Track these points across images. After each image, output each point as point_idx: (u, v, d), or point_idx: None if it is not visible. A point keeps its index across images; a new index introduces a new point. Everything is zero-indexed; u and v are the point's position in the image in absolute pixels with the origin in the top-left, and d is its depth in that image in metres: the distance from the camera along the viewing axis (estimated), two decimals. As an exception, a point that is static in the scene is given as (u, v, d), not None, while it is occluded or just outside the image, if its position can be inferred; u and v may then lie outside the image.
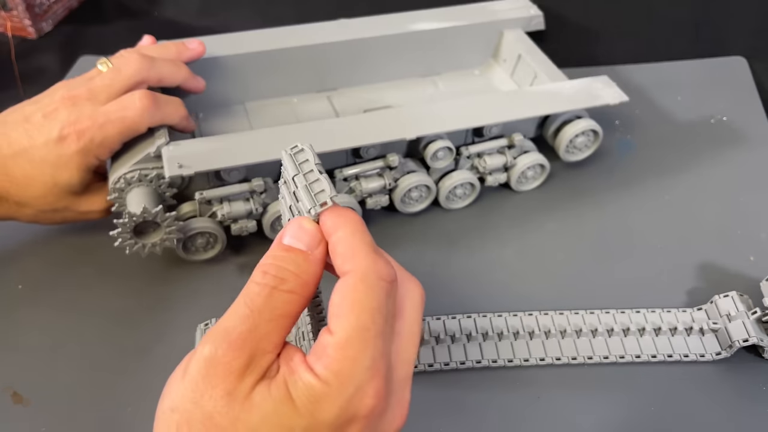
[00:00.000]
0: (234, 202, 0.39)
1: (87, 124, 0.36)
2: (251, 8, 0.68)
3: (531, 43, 0.51)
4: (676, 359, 0.36)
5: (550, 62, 0.49)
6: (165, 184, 0.39)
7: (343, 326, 0.21)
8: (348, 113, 0.50)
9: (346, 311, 0.22)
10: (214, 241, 0.41)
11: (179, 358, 0.23)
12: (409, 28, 0.51)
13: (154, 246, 0.38)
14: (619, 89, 0.45)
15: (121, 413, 0.35)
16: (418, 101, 0.51)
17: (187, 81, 0.42)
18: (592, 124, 0.45)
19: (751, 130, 0.51)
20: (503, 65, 0.53)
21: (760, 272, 0.40)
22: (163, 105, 0.38)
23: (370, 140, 0.40)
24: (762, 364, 0.37)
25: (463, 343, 0.37)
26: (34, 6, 0.61)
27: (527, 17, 0.53)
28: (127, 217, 0.36)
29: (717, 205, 0.46)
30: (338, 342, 0.21)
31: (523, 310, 0.38)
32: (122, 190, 0.38)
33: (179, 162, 0.37)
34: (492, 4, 0.54)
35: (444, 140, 0.42)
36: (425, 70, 0.54)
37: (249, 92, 0.50)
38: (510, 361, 0.36)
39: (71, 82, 0.39)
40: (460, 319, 0.37)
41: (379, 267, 0.22)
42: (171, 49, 0.43)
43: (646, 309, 0.38)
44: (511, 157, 0.45)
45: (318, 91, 0.52)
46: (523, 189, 0.47)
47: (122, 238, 0.37)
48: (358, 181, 0.42)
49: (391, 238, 0.44)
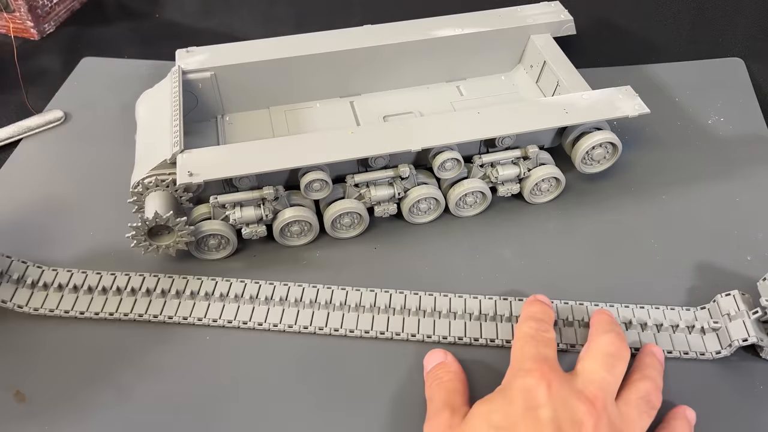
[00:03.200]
0: (245, 208, 0.41)
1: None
2: (252, 10, 0.68)
3: (557, 50, 0.50)
4: (676, 356, 0.37)
5: (575, 70, 0.48)
6: (181, 189, 0.40)
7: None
8: (368, 119, 0.50)
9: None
10: (225, 243, 0.42)
11: (184, 356, 0.23)
12: (435, 34, 0.51)
13: (167, 248, 0.40)
14: (641, 100, 0.44)
15: (122, 413, 0.35)
16: (441, 107, 0.51)
17: None
18: (609, 136, 0.44)
19: (748, 131, 0.52)
20: (529, 71, 0.53)
21: (757, 272, 0.41)
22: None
23: (376, 151, 0.40)
24: (760, 363, 0.37)
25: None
26: (36, 7, 0.62)
27: (557, 22, 0.52)
28: (140, 221, 0.38)
29: (714, 205, 0.46)
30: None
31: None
32: (141, 194, 0.40)
33: (189, 170, 0.38)
34: (522, 9, 0.53)
35: (452, 151, 0.42)
36: (450, 76, 0.53)
37: (273, 97, 0.51)
38: (508, 342, 0.38)
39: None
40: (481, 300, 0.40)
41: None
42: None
43: (650, 305, 0.39)
44: (525, 169, 0.44)
45: (341, 96, 0.52)
46: (537, 201, 0.46)
47: (137, 240, 0.39)
48: (368, 188, 0.42)
49: (396, 240, 0.44)
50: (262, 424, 0.34)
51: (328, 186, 0.41)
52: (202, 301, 0.39)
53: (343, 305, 0.39)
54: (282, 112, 0.51)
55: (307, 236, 0.43)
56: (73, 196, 0.47)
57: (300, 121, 0.50)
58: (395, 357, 0.37)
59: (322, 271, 0.42)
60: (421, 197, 0.43)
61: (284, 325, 0.38)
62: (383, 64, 0.51)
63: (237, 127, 0.50)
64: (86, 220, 0.45)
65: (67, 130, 0.53)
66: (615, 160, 0.46)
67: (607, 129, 0.45)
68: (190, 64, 0.48)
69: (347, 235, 0.44)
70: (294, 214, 0.41)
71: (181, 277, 0.41)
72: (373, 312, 0.39)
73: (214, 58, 0.48)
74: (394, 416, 0.35)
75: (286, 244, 0.43)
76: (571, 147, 0.45)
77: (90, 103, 0.55)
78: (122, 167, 0.45)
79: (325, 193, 0.42)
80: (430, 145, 0.41)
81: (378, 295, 0.40)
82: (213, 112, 0.50)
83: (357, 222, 0.43)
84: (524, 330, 0.34)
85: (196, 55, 0.49)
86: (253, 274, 0.41)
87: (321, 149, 0.40)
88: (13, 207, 0.46)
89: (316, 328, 0.38)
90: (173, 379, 0.36)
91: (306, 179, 0.40)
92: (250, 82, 0.49)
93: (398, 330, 0.38)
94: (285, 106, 0.51)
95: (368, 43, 0.50)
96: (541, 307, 0.36)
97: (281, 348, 0.38)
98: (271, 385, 0.36)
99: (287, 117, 0.51)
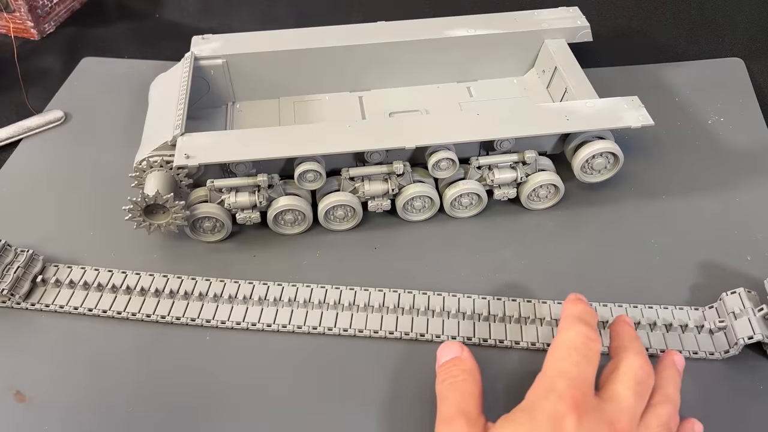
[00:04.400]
0: (240, 194, 0.41)
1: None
2: (252, 10, 0.69)
3: (570, 56, 0.50)
4: (685, 356, 0.37)
5: (585, 77, 0.48)
6: (182, 172, 0.41)
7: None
8: (375, 115, 0.51)
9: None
10: (220, 227, 0.43)
11: (183, 355, 0.23)
12: (448, 34, 0.51)
13: (159, 227, 0.41)
14: (646, 112, 0.43)
15: (122, 412, 0.35)
16: (448, 107, 0.51)
17: None
18: (610, 146, 0.43)
19: (748, 131, 0.52)
20: (541, 76, 0.52)
21: (757, 272, 0.41)
22: None
23: (370, 146, 0.41)
24: (766, 362, 0.37)
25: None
26: (36, 7, 0.62)
27: (573, 28, 0.51)
28: (140, 197, 0.39)
29: (714, 205, 0.46)
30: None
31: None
32: (143, 170, 0.41)
33: (187, 153, 0.39)
34: (539, 13, 0.53)
35: (447, 151, 0.42)
36: (461, 76, 0.53)
37: (284, 87, 0.52)
38: (517, 343, 0.37)
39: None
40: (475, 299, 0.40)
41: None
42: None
43: (658, 305, 0.39)
44: (522, 174, 0.44)
45: (351, 91, 0.52)
46: (534, 207, 0.46)
47: (132, 214, 0.40)
48: (363, 182, 0.42)
49: (391, 239, 0.44)
50: (262, 424, 0.34)
51: (322, 177, 0.41)
52: (210, 302, 0.39)
53: (352, 305, 0.39)
54: (291, 103, 0.52)
55: (300, 225, 0.44)
56: (73, 196, 0.47)
57: (308, 112, 0.51)
58: (403, 356, 0.37)
59: (322, 271, 0.42)
60: (415, 195, 0.43)
61: (293, 325, 0.38)
62: (394, 61, 0.51)
63: (246, 114, 0.51)
64: (86, 220, 0.45)
65: (67, 130, 0.53)
66: (616, 171, 0.45)
67: (610, 139, 0.44)
68: (203, 51, 0.49)
69: (340, 227, 0.44)
70: (288, 203, 0.42)
71: (189, 278, 0.41)
72: (366, 311, 0.39)
73: (227, 46, 0.49)
74: (393, 416, 0.35)
75: (279, 232, 0.44)
76: (572, 155, 0.45)
77: (90, 103, 0.55)
78: (122, 167, 0.45)
79: (318, 185, 0.42)
80: (424, 143, 0.41)
81: (372, 294, 0.40)
82: (224, 99, 0.51)
83: (350, 215, 0.44)
84: (571, 336, 0.31)
85: (210, 42, 0.50)
86: (254, 274, 0.41)
87: (316, 141, 0.41)
88: (13, 207, 0.46)
89: (325, 329, 0.38)
90: (173, 379, 0.36)
91: (300, 169, 0.41)
92: (262, 72, 0.50)
93: (391, 329, 0.38)
94: (295, 97, 0.52)
95: (381, 39, 0.50)
96: (586, 308, 0.34)
97: (283, 348, 0.38)
98: (271, 385, 0.36)
99: (296, 108, 0.51)
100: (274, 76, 0.50)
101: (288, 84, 0.51)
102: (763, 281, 0.38)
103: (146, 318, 0.39)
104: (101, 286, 0.40)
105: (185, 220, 0.41)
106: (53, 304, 0.39)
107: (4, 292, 0.38)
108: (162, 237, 0.44)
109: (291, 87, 0.52)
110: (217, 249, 0.43)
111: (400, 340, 0.38)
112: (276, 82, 0.51)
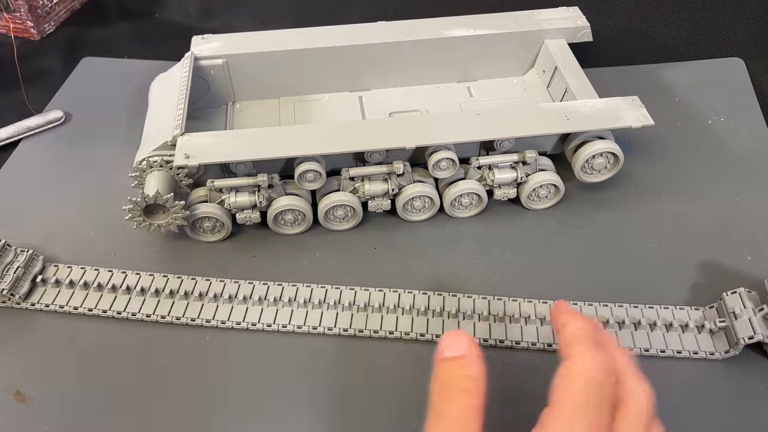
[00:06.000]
0: (240, 194, 0.41)
1: None
2: (251, 10, 0.69)
3: (570, 56, 0.50)
4: (685, 356, 0.37)
5: (585, 77, 0.48)
6: (182, 172, 0.40)
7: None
8: (375, 114, 0.51)
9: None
10: (220, 227, 0.43)
11: (183, 355, 0.23)
12: (448, 34, 0.51)
13: (159, 227, 0.41)
14: (646, 112, 0.43)
15: (122, 412, 0.35)
16: (448, 107, 0.51)
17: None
18: (610, 146, 0.43)
19: (748, 131, 0.52)
20: (541, 75, 0.52)
21: (757, 272, 0.41)
22: None
23: (369, 146, 0.41)
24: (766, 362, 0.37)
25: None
26: (36, 7, 0.62)
27: (573, 28, 0.51)
28: (140, 197, 0.39)
29: (715, 205, 0.46)
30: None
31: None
32: (143, 170, 0.41)
33: (186, 153, 0.39)
34: (539, 13, 0.52)
35: (447, 151, 0.42)
36: (462, 76, 0.54)
37: (284, 87, 0.52)
38: (517, 342, 0.37)
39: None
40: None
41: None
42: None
43: (658, 305, 0.39)
44: (522, 173, 0.44)
45: (351, 91, 0.53)
46: (534, 207, 0.46)
47: (132, 214, 0.40)
48: (363, 182, 0.42)
49: (391, 239, 0.44)
50: (262, 424, 0.34)
51: (322, 177, 0.41)
52: (210, 302, 0.40)
53: (352, 305, 0.39)
54: (291, 103, 0.52)
55: (300, 225, 0.44)
56: (73, 196, 0.47)
57: (308, 112, 0.51)
58: (399, 355, 0.37)
59: (322, 271, 0.42)
60: (415, 195, 0.43)
61: (293, 325, 0.38)
62: (395, 61, 0.51)
63: (246, 114, 0.51)
64: (86, 220, 0.45)
65: (67, 130, 0.53)
66: (616, 171, 0.45)
67: (610, 139, 0.44)
68: (203, 50, 0.49)
69: (340, 227, 0.44)
70: (287, 203, 0.42)
71: (189, 278, 0.41)
72: (366, 311, 0.39)
73: (227, 46, 0.49)
74: (393, 416, 0.35)
75: (279, 232, 0.44)
76: (572, 155, 0.45)
77: (90, 103, 0.55)
78: (122, 167, 0.45)
79: (318, 185, 0.42)
80: (424, 143, 0.41)
81: (372, 294, 0.40)
82: (224, 99, 0.51)
83: (350, 215, 0.44)
84: (588, 367, 0.27)
85: (210, 42, 0.50)
86: (254, 274, 0.41)
87: (316, 141, 0.41)
88: (13, 206, 0.46)
89: (325, 329, 0.38)
90: (173, 379, 0.36)
91: (300, 169, 0.41)
92: (261, 72, 0.50)
93: (391, 329, 0.38)
94: (295, 97, 0.52)
95: (381, 39, 0.50)
96: (590, 323, 0.29)
97: (283, 348, 0.38)
98: (271, 385, 0.36)
99: (296, 108, 0.51)
100: (274, 76, 0.50)
101: (288, 84, 0.51)
102: (763, 281, 0.38)
103: (146, 318, 0.39)
104: (101, 286, 0.40)
105: (185, 220, 0.41)
106: (53, 304, 0.39)
107: (4, 292, 0.38)
108: (162, 237, 0.44)
109: (291, 87, 0.52)
110: (217, 249, 0.43)
111: (400, 340, 0.38)
112: (276, 82, 0.51)
